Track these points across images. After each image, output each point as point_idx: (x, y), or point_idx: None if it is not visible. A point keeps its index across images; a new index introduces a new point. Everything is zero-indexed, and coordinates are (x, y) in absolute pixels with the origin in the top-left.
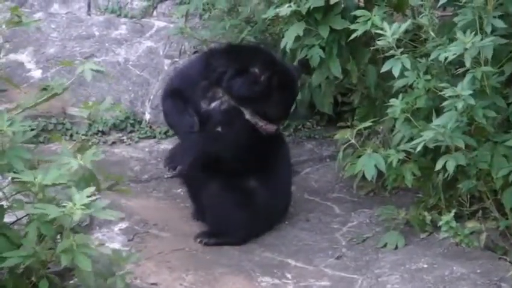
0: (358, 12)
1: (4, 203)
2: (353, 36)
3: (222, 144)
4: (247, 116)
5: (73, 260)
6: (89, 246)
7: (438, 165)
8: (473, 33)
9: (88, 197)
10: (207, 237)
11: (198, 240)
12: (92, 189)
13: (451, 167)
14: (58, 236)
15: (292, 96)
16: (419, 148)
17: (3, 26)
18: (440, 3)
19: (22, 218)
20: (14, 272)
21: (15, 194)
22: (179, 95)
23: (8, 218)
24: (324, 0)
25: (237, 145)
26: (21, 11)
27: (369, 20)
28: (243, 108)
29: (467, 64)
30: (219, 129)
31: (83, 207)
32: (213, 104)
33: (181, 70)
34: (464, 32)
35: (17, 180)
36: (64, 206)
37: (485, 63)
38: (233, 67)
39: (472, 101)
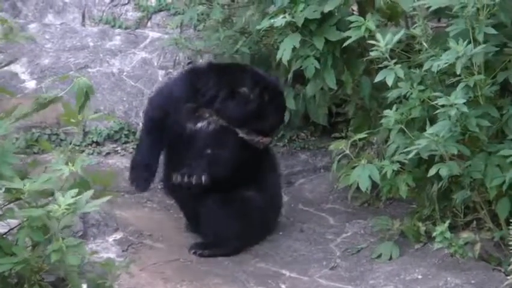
0: (352, 18)
1: None
2: (346, 43)
3: (217, 165)
4: (241, 134)
5: (62, 257)
6: (79, 246)
7: (431, 172)
8: (466, 41)
9: (73, 197)
10: (201, 249)
11: (192, 251)
12: (75, 190)
13: (444, 174)
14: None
15: (283, 105)
16: (411, 155)
17: None
18: (431, 10)
19: (15, 227)
20: (5, 281)
21: (8, 204)
22: (158, 125)
23: (1, 229)
24: (320, 11)
25: (232, 164)
26: (12, 22)
27: (362, 25)
28: (236, 128)
29: (458, 71)
30: (208, 150)
31: (67, 207)
32: (200, 125)
33: (163, 90)
34: (457, 42)
35: (8, 188)
36: (50, 210)
37: (479, 73)
38: (223, 90)
39: (465, 109)
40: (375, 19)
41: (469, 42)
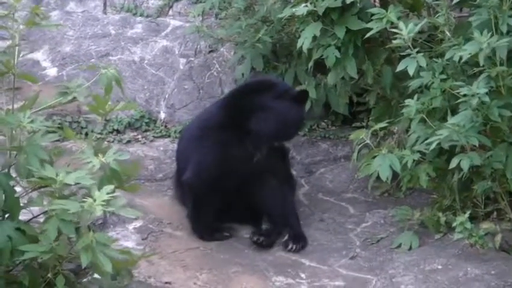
0: (374, 10)
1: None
2: (368, 34)
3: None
4: None
5: (93, 259)
6: (108, 245)
7: (453, 164)
8: (490, 33)
9: (108, 194)
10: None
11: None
12: (111, 186)
13: (465, 166)
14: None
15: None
16: (432, 146)
17: (21, 26)
18: (454, 1)
19: (38, 215)
20: (30, 267)
21: (31, 191)
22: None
23: (23, 216)
24: (341, 0)
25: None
26: (41, 10)
27: (384, 17)
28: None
29: (481, 62)
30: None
31: (103, 203)
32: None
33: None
34: (481, 32)
35: (37, 176)
36: (84, 202)
37: (501, 64)
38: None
39: (487, 99)
40: (397, 10)
41: (492, 33)
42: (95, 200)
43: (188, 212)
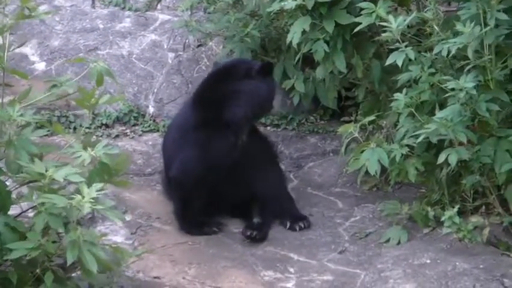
0: (363, 5)
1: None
2: (357, 28)
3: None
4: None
5: (79, 256)
6: (94, 243)
7: (441, 159)
8: (476, 25)
9: (98, 191)
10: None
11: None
12: (101, 184)
13: (453, 161)
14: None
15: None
16: (420, 139)
17: (8, 20)
18: None
19: (27, 210)
20: (18, 264)
21: (21, 185)
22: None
23: (12, 211)
24: None
25: None
26: (32, 4)
27: (373, 12)
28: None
29: (470, 55)
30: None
31: (92, 200)
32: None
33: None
34: (467, 25)
35: (26, 172)
36: (72, 198)
37: (489, 54)
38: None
39: (474, 93)
40: (386, 5)
41: (481, 27)
42: (83, 197)
43: (175, 209)
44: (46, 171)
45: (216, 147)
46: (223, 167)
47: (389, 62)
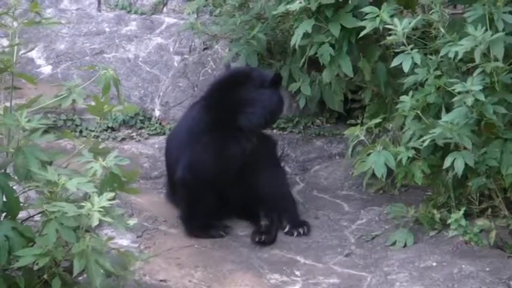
0: (367, 9)
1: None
2: (362, 33)
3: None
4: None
5: (86, 266)
6: (101, 252)
7: (447, 163)
8: (484, 28)
9: (109, 200)
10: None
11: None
12: (112, 194)
13: (459, 167)
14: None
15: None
16: (426, 143)
17: (16, 24)
18: None
19: (34, 215)
20: (26, 269)
21: (28, 190)
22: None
23: (19, 214)
24: None
25: None
26: (40, 9)
27: (377, 16)
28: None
29: (477, 59)
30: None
31: (101, 210)
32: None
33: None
34: (475, 28)
35: (37, 179)
36: (82, 206)
37: (496, 60)
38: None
39: (481, 96)
40: (391, 8)
41: (486, 29)
42: (93, 206)
43: (181, 212)
44: (59, 179)
45: (229, 150)
46: (233, 169)
47: (394, 64)
